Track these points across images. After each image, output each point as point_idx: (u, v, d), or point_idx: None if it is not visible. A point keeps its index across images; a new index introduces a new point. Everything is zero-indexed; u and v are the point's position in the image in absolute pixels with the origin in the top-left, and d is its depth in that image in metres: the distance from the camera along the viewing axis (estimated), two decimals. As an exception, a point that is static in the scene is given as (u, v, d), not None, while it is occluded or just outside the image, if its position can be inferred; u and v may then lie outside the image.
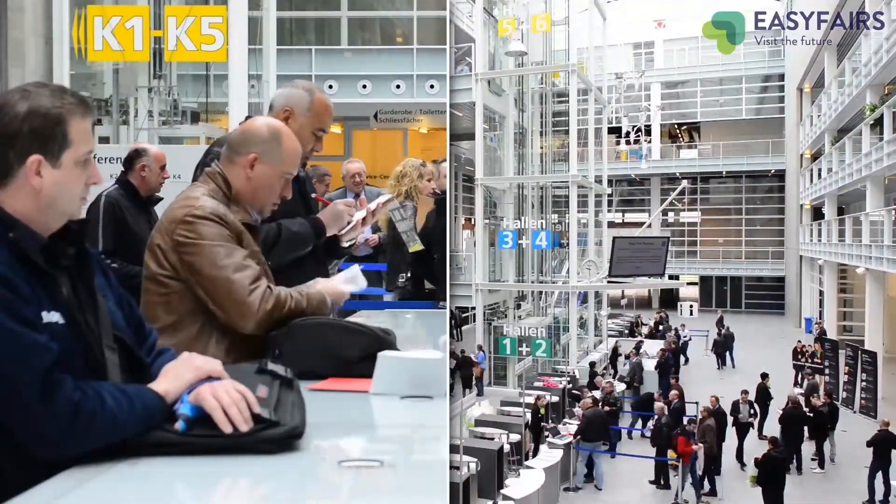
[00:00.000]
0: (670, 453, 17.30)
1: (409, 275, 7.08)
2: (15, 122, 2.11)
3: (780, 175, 32.12)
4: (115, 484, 1.95)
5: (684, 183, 32.61)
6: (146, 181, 6.24)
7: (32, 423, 1.98)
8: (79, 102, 2.22)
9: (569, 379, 22.09)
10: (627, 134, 33.27)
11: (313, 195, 4.20)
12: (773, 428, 18.87)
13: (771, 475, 15.97)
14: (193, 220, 3.07)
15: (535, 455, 17.92)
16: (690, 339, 27.18)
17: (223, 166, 3.26)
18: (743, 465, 18.64)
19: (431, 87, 18.18)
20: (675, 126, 34.40)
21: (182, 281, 3.09)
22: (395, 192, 6.23)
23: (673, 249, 30.03)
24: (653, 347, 25.16)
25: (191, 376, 2.17)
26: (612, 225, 29.80)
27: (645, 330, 29.41)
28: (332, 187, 8.22)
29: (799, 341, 24.89)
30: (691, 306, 32.16)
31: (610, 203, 29.39)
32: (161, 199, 6.30)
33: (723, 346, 26.41)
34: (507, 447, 16.33)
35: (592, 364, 23.49)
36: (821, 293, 27.70)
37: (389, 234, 7.24)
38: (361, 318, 3.99)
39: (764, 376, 20.96)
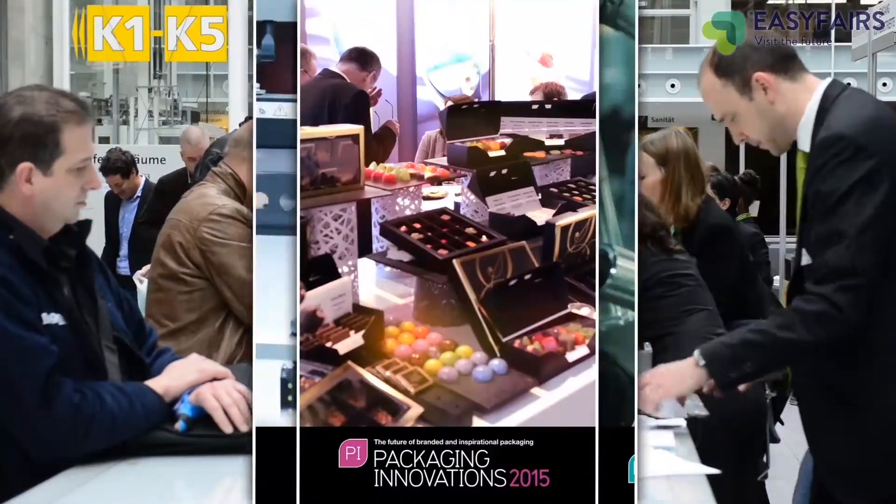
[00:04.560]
0: None
1: None
2: (7, 128, 2.09)
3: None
4: (115, 484, 1.95)
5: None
6: None
7: (32, 426, 1.98)
8: (75, 109, 2.15)
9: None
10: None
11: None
12: None
13: None
14: (220, 218, 3.05)
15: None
16: None
17: (233, 166, 3.24)
18: None
19: (431, 87, 18.19)
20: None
21: (205, 279, 3.06)
22: None
23: None
24: None
25: (194, 377, 2.17)
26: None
27: None
28: None
29: None
30: None
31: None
32: None
33: None
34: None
35: None
36: None
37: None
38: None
39: None
